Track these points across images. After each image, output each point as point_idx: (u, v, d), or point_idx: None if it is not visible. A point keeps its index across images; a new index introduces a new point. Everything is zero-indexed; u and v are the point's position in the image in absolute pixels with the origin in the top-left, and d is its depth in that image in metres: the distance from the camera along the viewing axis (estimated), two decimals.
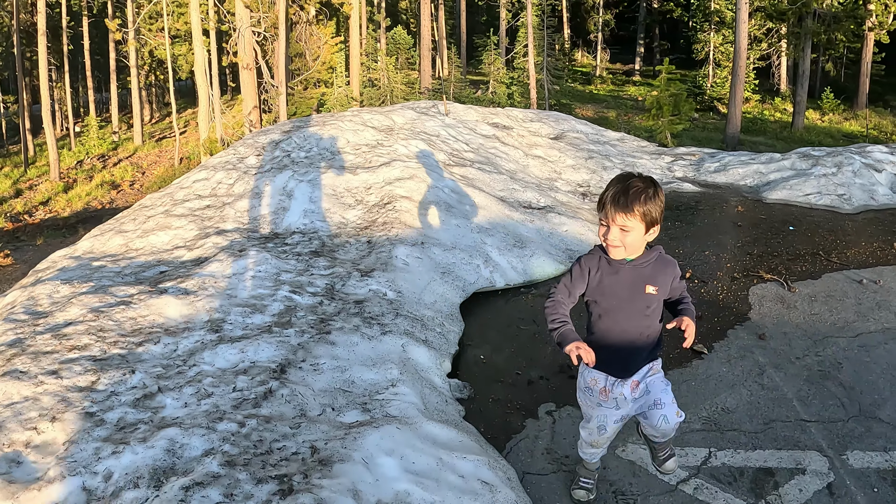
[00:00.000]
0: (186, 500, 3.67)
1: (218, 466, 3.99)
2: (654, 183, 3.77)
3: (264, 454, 4.21)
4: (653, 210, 3.69)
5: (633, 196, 3.65)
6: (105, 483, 3.99)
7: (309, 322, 6.13)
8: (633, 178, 3.75)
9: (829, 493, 4.72)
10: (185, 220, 8.90)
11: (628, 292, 3.91)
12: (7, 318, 6.58)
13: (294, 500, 3.71)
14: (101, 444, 4.29)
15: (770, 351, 6.54)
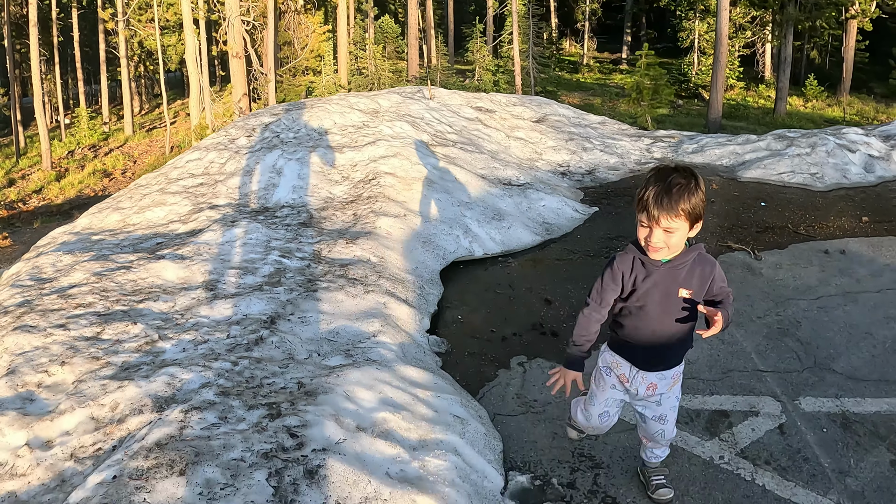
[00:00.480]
0: (186, 421, 4.09)
1: (214, 395, 4.41)
2: (694, 174, 3.49)
3: (255, 388, 4.64)
4: (698, 206, 3.44)
5: (676, 194, 3.40)
6: (112, 412, 4.41)
7: (297, 282, 6.55)
8: (674, 174, 3.45)
9: (781, 432, 5.14)
10: (179, 196, 9.28)
11: (661, 295, 3.71)
12: (14, 284, 6.98)
13: (282, 422, 4.15)
14: (107, 382, 4.71)
15: (733, 310, 6.94)
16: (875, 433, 5.09)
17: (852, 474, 4.68)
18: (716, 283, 3.76)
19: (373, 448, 4.14)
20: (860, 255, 8.28)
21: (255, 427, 4.14)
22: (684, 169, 3.50)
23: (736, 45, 48.33)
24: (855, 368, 5.93)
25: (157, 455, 3.80)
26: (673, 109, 39.95)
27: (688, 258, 3.65)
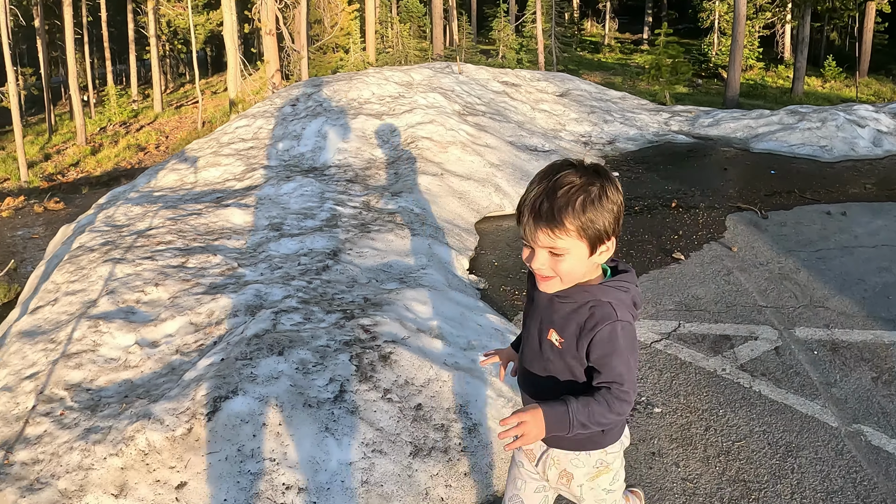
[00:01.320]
0: (277, 320, 4.93)
1: (296, 303, 5.26)
2: (601, 173, 2.43)
3: (329, 300, 5.48)
4: (601, 219, 2.39)
5: (563, 200, 2.35)
6: (208, 318, 5.26)
7: (352, 225, 7.38)
8: (566, 171, 2.40)
9: (776, 353, 5.92)
10: (232, 158, 10.10)
11: (536, 328, 2.67)
12: (92, 230, 7.83)
13: (356, 322, 4.99)
14: (200, 296, 5.56)
15: (738, 259, 7.72)
16: (860, 357, 5.85)
17: (837, 386, 5.45)
18: (595, 349, 2.47)
19: (431, 345, 4.97)
20: (860, 217, 9.00)
21: (334, 325, 4.98)
22: (587, 166, 2.44)
23: (755, 26, 48.72)
24: (846, 307, 6.68)
25: (257, 343, 4.64)
26: (692, 88, 40.53)
27: (579, 297, 2.51)
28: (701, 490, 4.37)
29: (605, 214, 2.39)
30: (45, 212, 12.65)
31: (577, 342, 2.49)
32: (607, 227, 2.42)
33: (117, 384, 4.77)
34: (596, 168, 2.44)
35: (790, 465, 4.56)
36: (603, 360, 2.47)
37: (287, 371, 4.39)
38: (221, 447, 3.94)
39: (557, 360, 2.59)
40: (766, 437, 4.84)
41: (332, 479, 3.89)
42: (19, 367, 5.15)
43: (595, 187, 2.38)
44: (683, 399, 5.27)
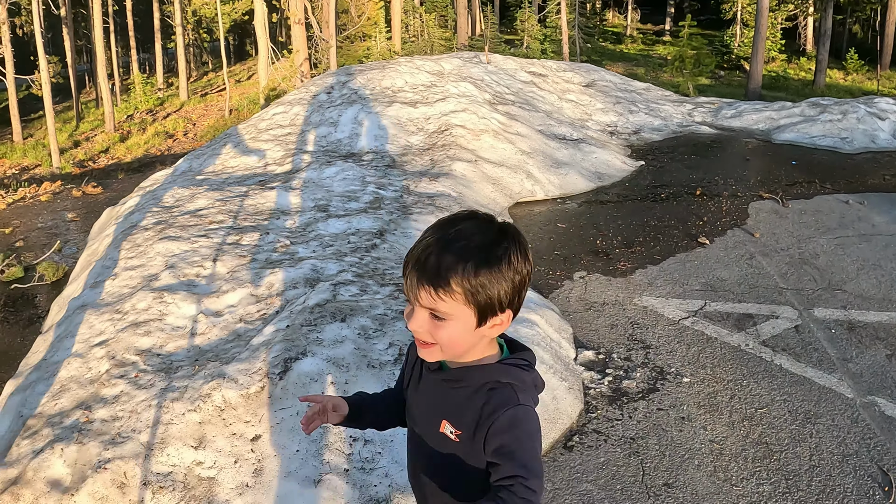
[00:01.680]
0: (335, 291, 5.34)
1: (351, 277, 5.67)
2: (510, 236, 2.00)
3: (381, 274, 5.88)
4: (493, 285, 1.94)
5: (453, 257, 1.93)
6: (269, 290, 5.67)
7: (394, 207, 7.78)
8: (468, 225, 2.00)
9: (796, 331, 6.28)
10: (270, 143, 10.50)
11: (424, 417, 2.22)
12: (141, 211, 8.24)
13: None
14: (259, 270, 5.97)
15: (760, 244, 8.07)
16: (875, 336, 6.20)
17: (853, 361, 5.80)
18: (493, 440, 1.99)
19: None
20: (879, 206, 9.32)
21: (388, 296, 5.39)
22: (495, 223, 2.03)
23: (778, 18, 48.73)
24: (863, 290, 7.03)
25: (320, 311, 5.05)
26: (714, 80, 40.71)
27: (474, 379, 2.07)
28: (727, 451, 4.75)
29: (503, 283, 1.95)
30: (83, 196, 13.03)
31: (475, 433, 2.02)
32: (503, 296, 1.96)
33: (186, 350, 5.18)
34: (504, 227, 2.02)
35: (809, 431, 4.93)
36: (503, 452, 1.96)
37: (350, 336, 4.80)
38: (292, 403, 4.35)
39: (453, 457, 2.10)
40: (786, 406, 5.21)
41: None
42: (87, 335, 5.56)
43: (497, 249, 1.94)
44: (710, 370, 5.64)
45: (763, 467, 4.60)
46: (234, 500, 3.97)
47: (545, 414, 4.81)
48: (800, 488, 4.41)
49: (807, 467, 4.59)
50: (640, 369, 5.66)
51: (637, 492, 4.39)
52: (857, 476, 4.50)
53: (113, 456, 4.15)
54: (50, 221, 11.12)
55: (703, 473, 4.56)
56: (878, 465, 4.59)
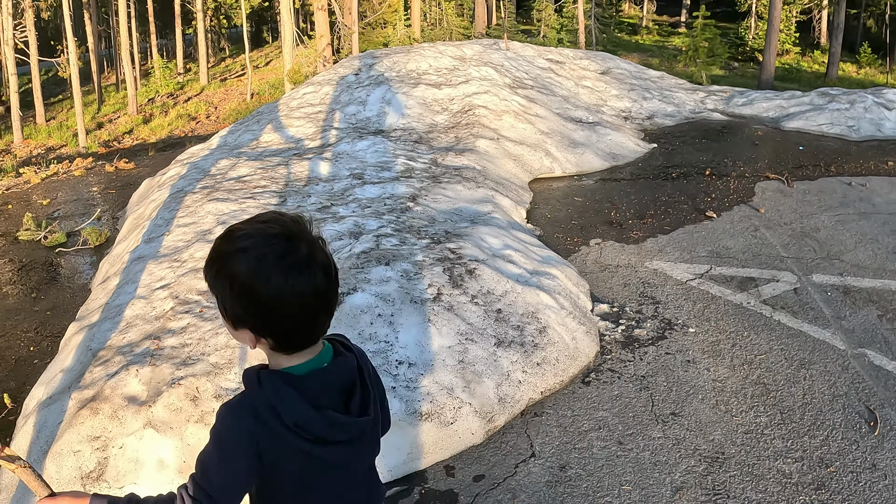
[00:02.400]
0: (378, 241, 5.93)
1: (391, 231, 6.26)
2: (247, 238, 1.85)
3: (416, 231, 6.47)
4: (218, 291, 1.89)
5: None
6: None
7: (424, 176, 8.36)
8: (242, 224, 1.91)
9: (795, 292, 6.83)
10: (302, 120, 11.07)
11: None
12: (185, 177, 8.82)
13: (444, 245, 6.00)
14: None
15: (765, 219, 8.62)
16: (868, 299, 6.75)
17: (846, 319, 6.36)
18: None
19: (505, 267, 5.96)
20: (880, 188, 9.84)
21: (425, 247, 5.98)
22: (259, 220, 1.91)
23: (792, 11, 49.07)
24: (859, 260, 7.56)
25: (365, 257, 5.64)
26: (728, 71, 41.11)
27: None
28: (728, 388, 5.32)
29: (225, 292, 1.87)
30: (116, 171, 13.57)
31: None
32: (228, 305, 1.88)
33: None
34: (250, 231, 1.86)
35: (803, 375, 5.49)
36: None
37: (394, 277, 5.39)
38: (345, 331, 4.93)
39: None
40: (783, 354, 5.78)
41: (435, 358, 4.89)
42: (148, 281, 6.14)
43: (223, 250, 1.87)
44: (714, 323, 6.21)
45: (760, 403, 5.16)
46: None
47: (566, 352, 5.40)
48: (793, 420, 4.97)
49: (800, 404, 5.15)
50: (650, 321, 6.23)
51: (647, 419, 4.96)
52: (845, 413, 5.06)
53: (185, 374, 4.72)
54: (86, 194, 11.66)
55: (706, 406, 5.13)
56: (865, 405, 5.15)
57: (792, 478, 4.43)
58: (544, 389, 5.14)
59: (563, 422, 4.96)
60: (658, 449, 4.70)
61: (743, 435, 4.83)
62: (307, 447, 1.95)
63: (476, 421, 4.72)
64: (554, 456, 4.64)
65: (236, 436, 1.90)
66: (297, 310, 1.86)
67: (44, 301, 7.46)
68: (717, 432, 4.85)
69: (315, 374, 1.97)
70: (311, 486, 2.05)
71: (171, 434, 4.39)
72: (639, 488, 4.35)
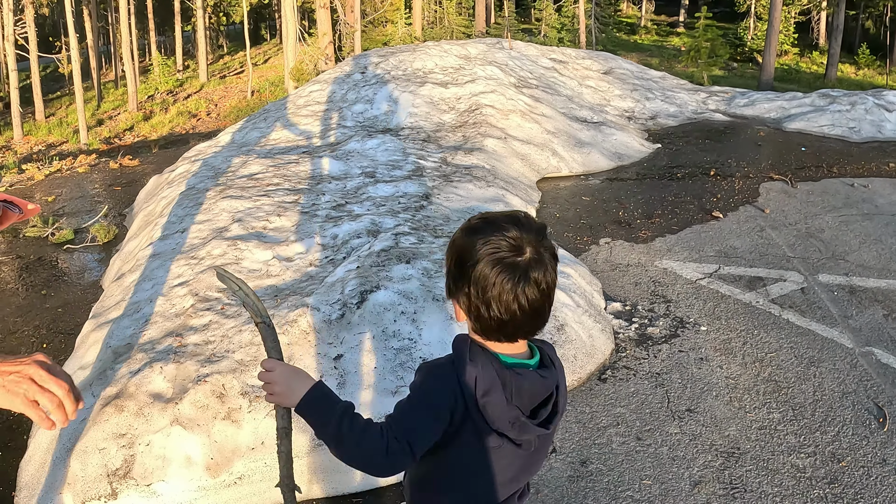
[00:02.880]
0: (396, 239, 6.02)
1: (408, 229, 6.35)
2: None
3: (432, 229, 6.57)
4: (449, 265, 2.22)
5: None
6: (333, 240, 6.35)
7: (435, 175, 8.46)
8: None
9: (802, 292, 6.95)
10: (310, 118, 11.17)
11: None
12: (195, 175, 8.89)
13: None
14: (322, 223, 6.65)
15: (770, 219, 8.73)
16: (874, 298, 6.86)
17: (853, 318, 6.47)
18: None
19: None
20: (882, 189, 9.95)
21: (443, 245, 6.07)
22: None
23: (792, 12, 49.22)
24: (864, 260, 7.68)
25: (386, 255, 5.74)
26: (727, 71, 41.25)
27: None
28: (741, 385, 5.43)
29: (450, 268, 2.19)
30: (120, 167, 13.63)
31: None
32: (451, 281, 2.18)
33: (264, 288, 5.86)
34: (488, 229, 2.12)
35: (812, 372, 5.60)
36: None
37: (415, 275, 5.48)
38: (369, 328, 5.03)
39: None
40: (792, 352, 5.89)
41: None
42: (166, 278, 6.23)
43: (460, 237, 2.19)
44: (724, 321, 6.32)
45: (773, 399, 5.27)
46: None
47: (583, 349, 5.51)
48: (805, 417, 5.08)
49: (811, 400, 5.26)
50: (663, 319, 6.34)
51: (664, 415, 5.07)
52: (855, 409, 5.17)
53: (211, 371, 4.81)
54: (91, 191, 11.73)
55: (721, 402, 5.24)
56: (874, 402, 5.26)
57: (805, 472, 4.54)
58: None
59: (582, 418, 5.06)
60: (676, 444, 4.80)
61: (757, 431, 4.94)
62: (486, 433, 2.13)
63: None
64: (574, 451, 4.74)
65: (437, 399, 2.11)
66: (508, 315, 2.05)
67: (54, 298, 7.53)
68: (731, 428, 4.96)
69: (520, 371, 2.14)
70: (472, 468, 2.23)
71: (199, 431, 4.47)
72: (659, 482, 4.46)
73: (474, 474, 2.23)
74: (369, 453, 2.13)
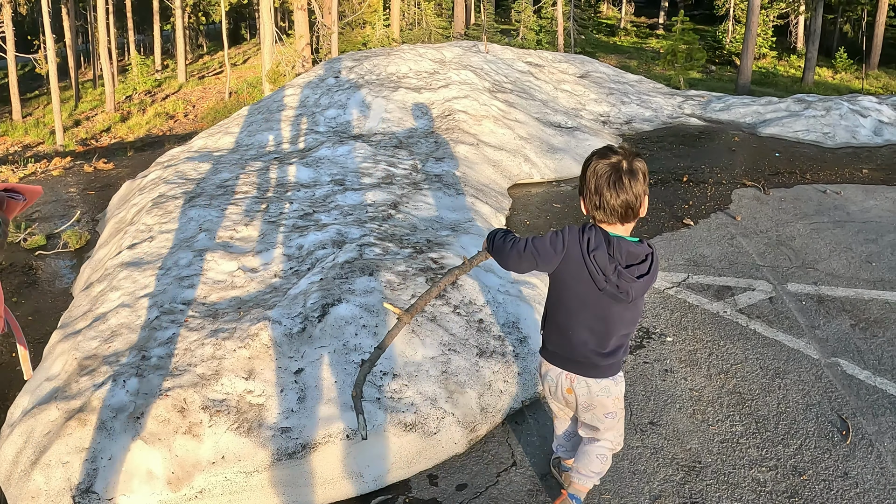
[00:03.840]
0: (361, 250, 6.00)
1: (374, 240, 6.32)
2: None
3: (398, 239, 6.54)
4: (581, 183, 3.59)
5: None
6: (299, 250, 6.31)
7: (405, 183, 8.42)
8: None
9: (770, 301, 6.95)
10: (283, 123, 11.12)
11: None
12: (167, 182, 8.83)
13: (426, 255, 6.06)
14: (288, 233, 6.61)
15: (741, 227, 8.75)
16: (842, 308, 6.87)
17: (820, 328, 6.48)
18: None
19: (485, 277, 6.05)
20: (854, 196, 9.98)
21: (408, 257, 6.05)
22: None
23: (770, 16, 49.53)
24: (834, 269, 7.69)
25: (349, 267, 5.71)
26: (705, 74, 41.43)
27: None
28: (704, 397, 5.43)
29: (582, 185, 3.61)
30: (95, 171, 13.53)
31: None
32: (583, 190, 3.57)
33: (228, 300, 5.82)
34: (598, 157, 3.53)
35: (777, 384, 5.61)
36: None
37: (378, 287, 5.46)
38: (330, 342, 5.00)
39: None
40: (758, 363, 5.89)
41: (419, 369, 4.97)
42: (132, 289, 6.18)
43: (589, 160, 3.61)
44: (691, 332, 6.32)
45: (736, 412, 5.27)
46: (282, 422, 4.62)
47: None
48: (768, 429, 5.08)
49: (774, 413, 5.27)
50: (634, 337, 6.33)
51: (626, 429, 5.05)
52: (818, 422, 5.18)
53: (172, 385, 4.78)
54: (65, 195, 11.63)
55: (684, 415, 5.24)
56: (837, 414, 5.26)
57: (766, 486, 4.54)
58: (525, 398, 5.24)
59: (543, 431, 5.05)
60: (636, 458, 4.80)
61: (719, 444, 4.93)
62: (591, 268, 3.46)
63: (459, 431, 4.80)
64: (535, 465, 4.73)
65: (564, 234, 3.57)
66: (603, 201, 3.41)
67: (25, 305, 7.47)
68: (693, 441, 4.96)
69: (622, 240, 3.46)
70: (570, 296, 3.62)
71: (160, 445, 4.45)
72: (618, 496, 4.45)
73: (571, 302, 3.64)
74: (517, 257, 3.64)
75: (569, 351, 3.71)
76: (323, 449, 4.55)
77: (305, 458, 4.51)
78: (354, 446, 4.56)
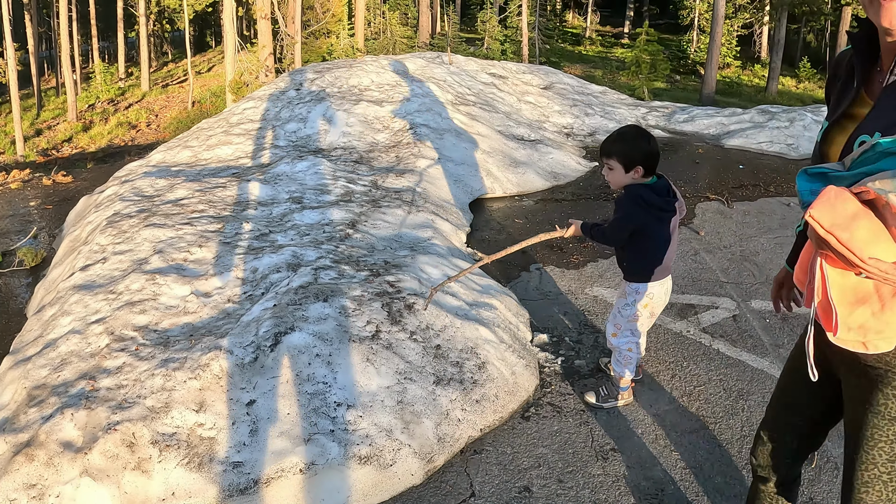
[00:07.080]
0: (316, 274, 5.85)
1: (330, 262, 6.18)
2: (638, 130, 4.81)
3: (355, 261, 6.40)
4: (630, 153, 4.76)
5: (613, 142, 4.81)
6: (253, 274, 6.16)
7: (364, 200, 8.29)
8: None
9: (734, 320, 6.88)
10: (242, 137, 10.95)
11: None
12: (122, 199, 8.65)
13: (382, 278, 5.92)
14: (243, 256, 6.46)
15: (704, 242, 8.69)
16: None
17: (785, 347, 6.41)
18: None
19: (444, 299, 5.92)
20: None
21: (364, 281, 5.91)
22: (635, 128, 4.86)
23: (734, 25, 49.86)
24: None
25: (303, 292, 5.57)
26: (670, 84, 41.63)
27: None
28: (667, 422, 5.34)
29: (635, 152, 4.76)
30: (54, 184, 13.31)
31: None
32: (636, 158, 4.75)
33: (180, 326, 5.67)
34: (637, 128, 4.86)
35: (741, 406, 5.53)
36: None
37: (332, 314, 5.32)
38: (283, 372, 4.86)
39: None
40: (721, 384, 5.81)
41: (374, 399, 4.84)
42: (83, 314, 6.01)
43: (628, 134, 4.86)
44: (654, 353, 6.23)
45: (699, 437, 5.19)
46: (234, 456, 4.48)
47: (505, 387, 5.38)
48: (732, 454, 5.00)
49: (738, 437, 5.18)
50: (590, 351, 6.24)
51: (587, 455, 4.96)
52: None
53: (121, 419, 4.62)
54: (22, 209, 11.41)
55: (647, 440, 5.14)
56: None
57: None
58: (484, 427, 5.12)
59: (502, 459, 4.93)
60: (598, 486, 4.69)
61: (682, 471, 4.84)
62: (655, 213, 4.84)
63: (415, 462, 4.68)
64: (494, 495, 4.61)
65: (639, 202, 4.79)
66: (643, 157, 4.75)
67: None
68: (657, 469, 4.86)
69: (655, 184, 4.85)
70: (656, 232, 4.98)
71: (108, 482, 4.30)
72: None
73: (656, 236, 5.03)
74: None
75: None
76: (276, 483, 4.41)
77: (258, 494, 4.37)
78: (308, 480, 4.43)
